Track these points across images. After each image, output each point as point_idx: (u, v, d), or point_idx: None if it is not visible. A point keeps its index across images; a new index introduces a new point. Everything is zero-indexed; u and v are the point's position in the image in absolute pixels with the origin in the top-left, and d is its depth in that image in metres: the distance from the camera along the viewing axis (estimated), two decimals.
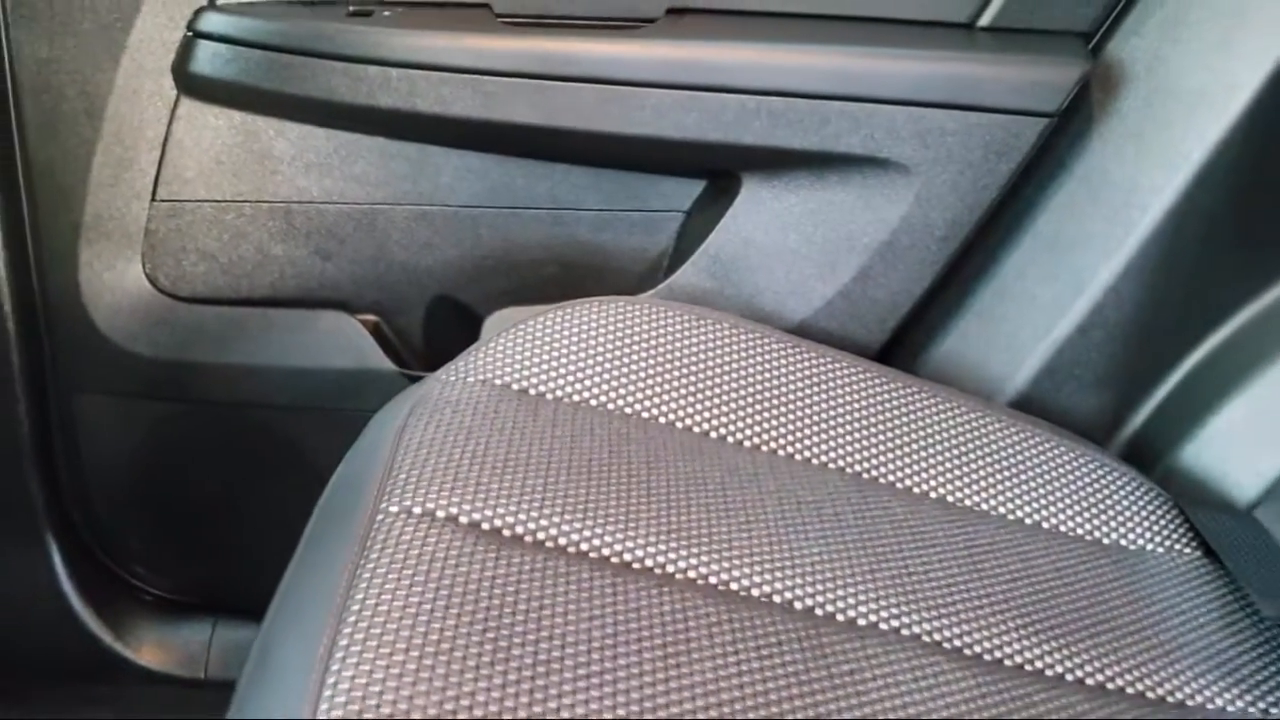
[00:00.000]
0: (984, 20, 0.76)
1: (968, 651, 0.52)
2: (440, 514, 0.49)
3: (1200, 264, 0.76)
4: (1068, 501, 0.66)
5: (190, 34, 0.75)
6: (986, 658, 0.52)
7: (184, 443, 0.86)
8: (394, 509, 0.49)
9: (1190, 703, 0.53)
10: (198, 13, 0.74)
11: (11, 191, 0.78)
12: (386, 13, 0.74)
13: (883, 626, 0.51)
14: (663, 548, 0.51)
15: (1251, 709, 0.53)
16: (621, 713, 0.41)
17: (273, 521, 0.75)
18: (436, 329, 0.83)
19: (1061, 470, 0.68)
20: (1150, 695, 0.53)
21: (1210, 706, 0.53)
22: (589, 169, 0.79)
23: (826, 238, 0.76)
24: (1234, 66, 0.72)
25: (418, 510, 0.49)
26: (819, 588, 0.52)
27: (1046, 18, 0.75)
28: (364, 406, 0.77)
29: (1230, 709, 0.53)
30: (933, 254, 0.76)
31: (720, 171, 0.78)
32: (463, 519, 0.49)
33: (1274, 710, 0.53)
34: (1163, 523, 0.67)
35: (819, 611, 0.51)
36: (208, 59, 0.75)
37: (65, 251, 0.79)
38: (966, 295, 0.81)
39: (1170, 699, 0.53)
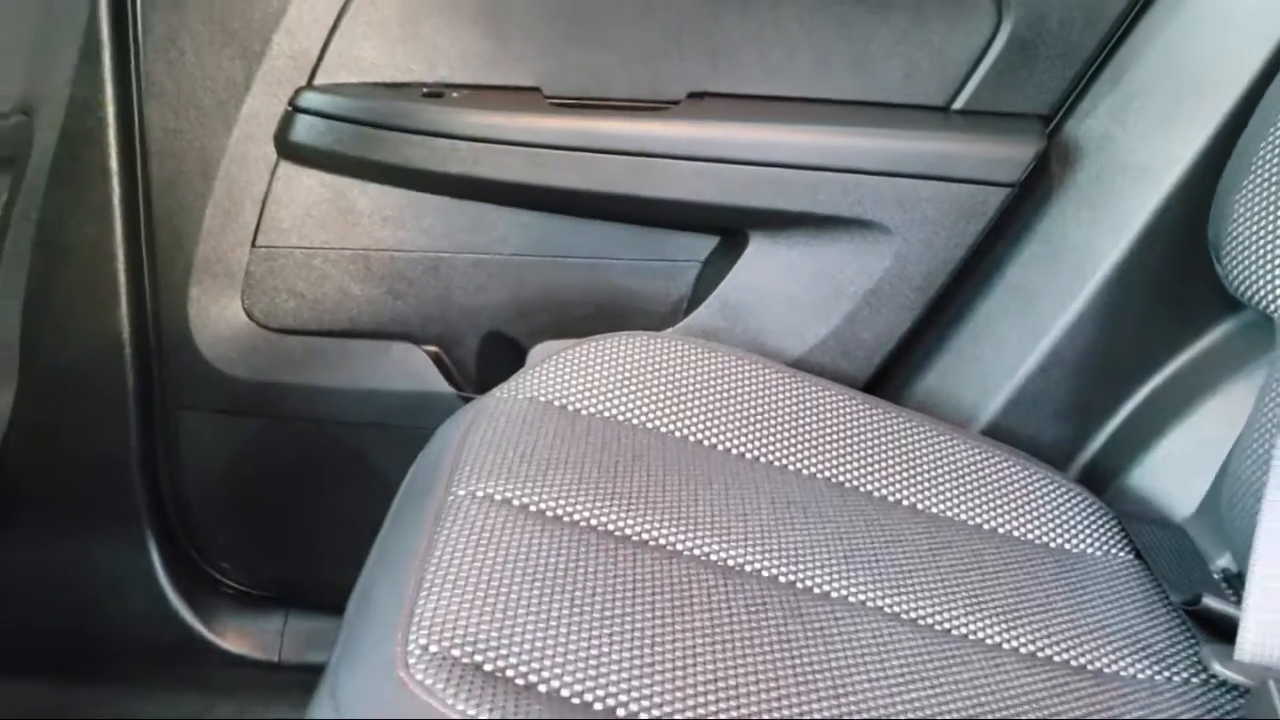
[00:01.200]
0: (957, 104, 0.89)
1: (920, 621, 0.63)
2: (498, 498, 0.61)
3: (1144, 314, 0.88)
4: (1020, 512, 0.77)
5: (290, 109, 0.89)
6: (936, 627, 0.63)
7: (268, 454, 0.99)
8: (461, 493, 0.61)
9: (1107, 670, 0.64)
10: (297, 91, 0.89)
11: (135, 238, 0.92)
12: (455, 94, 0.88)
13: (851, 599, 0.63)
14: (673, 529, 0.63)
15: (1158, 676, 0.64)
16: (633, 648, 0.53)
17: (341, 525, 0.87)
18: (488, 359, 0.96)
19: (1018, 486, 0.79)
20: (1074, 664, 0.64)
21: (1124, 674, 0.64)
22: (620, 225, 0.93)
23: (820, 286, 0.89)
24: (1172, 145, 0.85)
25: (480, 494, 0.61)
26: (800, 566, 0.64)
27: (1010, 102, 0.88)
28: (425, 425, 0.89)
29: (1140, 676, 0.64)
30: (911, 302, 0.88)
31: (730, 229, 0.92)
32: (515, 502, 0.61)
33: (1175, 677, 0.64)
34: (1103, 531, 0.78)
35: (799, 585, 0.63)
36: (304, 130, 0.89)
37: (178, 288, 0.93)
38: (945, 337, 0.93)
39: (1090, 667, 0.64)
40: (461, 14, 0.87)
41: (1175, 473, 0.86)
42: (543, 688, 0.49)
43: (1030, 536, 0.76)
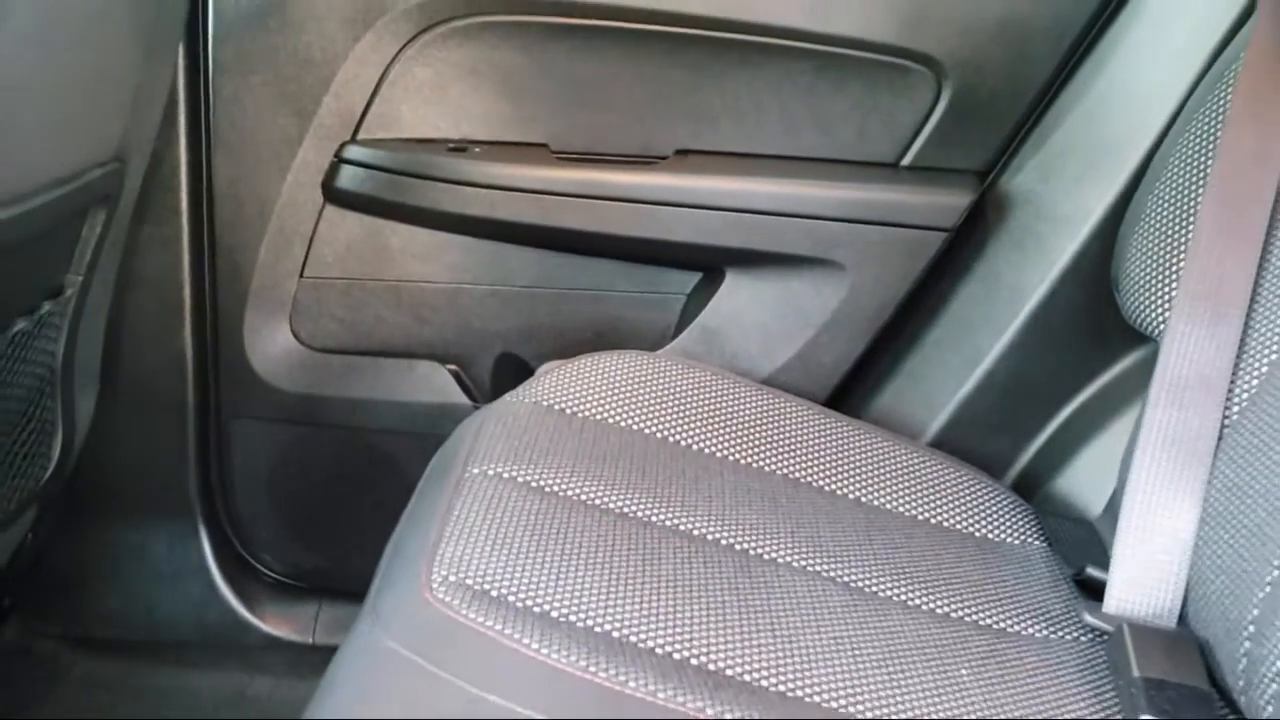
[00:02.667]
0: (905, 161, 1.03)
1: (851, 584, 0.76)
2: (506, 476, 0.75)
3: (1065, 345, 1.01)
4: (949, 506, 0.90)
5: (336, 160, 1.04)
6: (864, 589, 0.76)
7: (308, 458, 1.13)
8: (476, 471, 0.75)
9: (1010, 630, 0.76)
10: (342, 145, 1.04)
11: (200, 269, 1.07)
12: (476, 149, 1.03)
13: (794, 565, 0.76)
14: (649, 505, 0.76)
15: (1052, 635, 0.76)
16: (609, 587, 0.66)
17: (371, 521, 1.00)
18: (500, 376, 1.10)
19: (949, 485, 0.92)
20: (981, 623, 0.76)
21: (1024, 633, 0.76)
22: (616, 262, 1.07)
23: (785, 315, 1.03)
24: (1086, 199, 0.98)
25: (491, 473, 0.75)
26: (753, 538, 0.76)
27: (949, 160, 1.03)
28: (445, 432, 1.02)
29: (1037, 635, 0.76)
30: (864, 330, 1.02)
31: (710, 266, 1.06)
32: (519, 480, 0.75)
33: (1066, 636, 0.76)
34: (1022, 525, 0.90)
35: (751, 552, 0.75)
36: (348, 178, 1.04)
37: (235, 313, 1.08)
38: (895, 361, 1.06)
39: (995, 627, 0.76)
40: (483, 82, 1.03)
41: (1091, 479, 0.99)
42: (536, 609, 0.62)
43: (957, 526, 0.88)
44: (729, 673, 0.62)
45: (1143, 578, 0.72)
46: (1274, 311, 0.73)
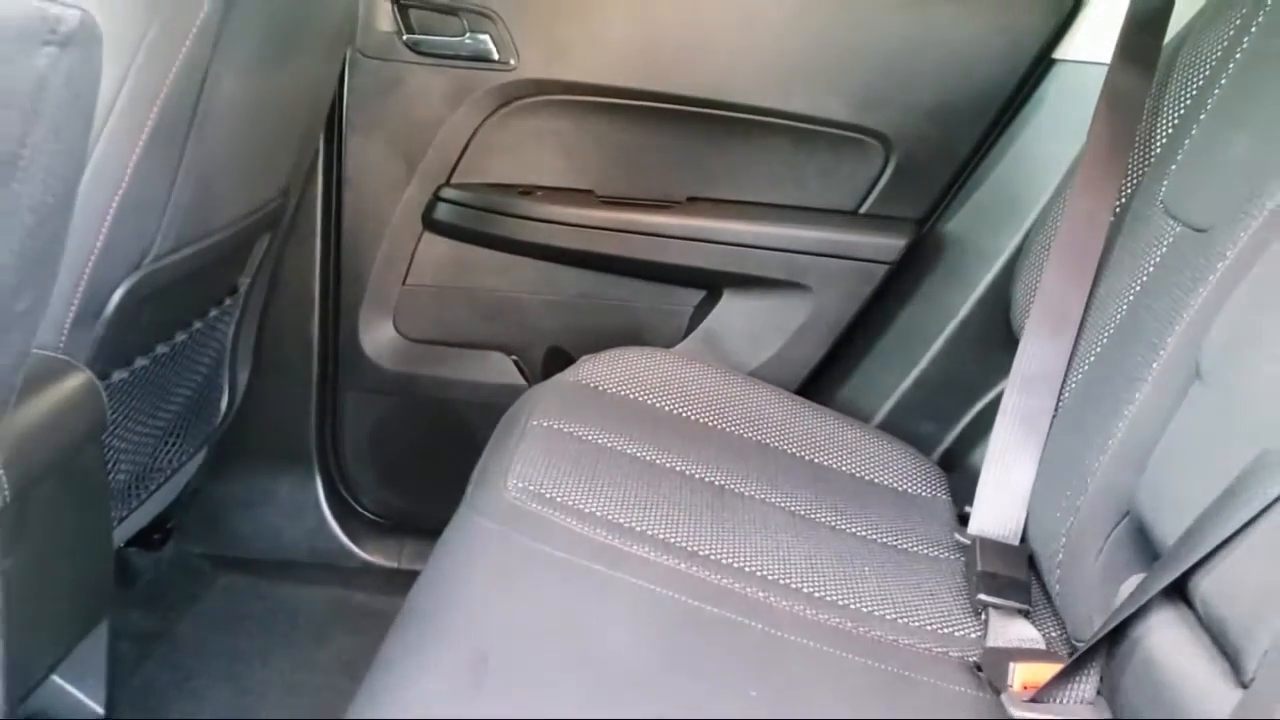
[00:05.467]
0: (861, 210, 1.34)
1: (794, 512, 1.05)
2: (556, 428, 1.06)
3: (981, 351, 1.30)
4: (880, 469, 1.19)
5: (434, 198, 1.36)
6: (804, 516, 1.06)
7: (401, 423, 1.45)
8: (535, 424, 1.06)
9: (904, 548, 1.06)
10: (439, 187, 1.36)
11: (326, 277, 1.40)
12: (538, 193, 1.35)
13: (754, 497, 1.06)
14: (657, 454, 1.06)
15: (934, 552, 1.06)
16: (634, 501, 0.96)
17: (447, 473, 1.29)
18: (549, 364, 1.41)
19: (883, 455, 1.21)
20: (886, 544, 1.06)
21: (912, 551, 1.05)
22: (641, 281, 1.39)
23: (766, 324, 1.34)
24: (1000, 240, 1.27)
25: (545, 425, 1.06)
26: (726, 478, 1.06)
27: (895, 209, 1.33)
28: (505, 406, 1.33)
29: (924, 553, 1.05)
30: (825, 337, 1.33)
31: (711, 286, 1.37)
32: (566, 432, 1.06)
33: (944, 552, 1.05)
34: (933, 482, 1.20)
35: (725, 488, 1.05)
36: (442, 212, 1.36)
37: (352, 310, 1.40)
38: (852, 361, 1.37)
39: (891, 544, 1.06)
40: (545, 143, 1.35)
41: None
42: (576, 507, 0.93)
43: (881, 481, 1.17)
44: (700, 552, 0.92)
45: (995, 510, 1.02)
46: (1096, 329, 1.03)
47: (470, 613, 0.79)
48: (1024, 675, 0.78)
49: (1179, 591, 0.71)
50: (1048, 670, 0.78)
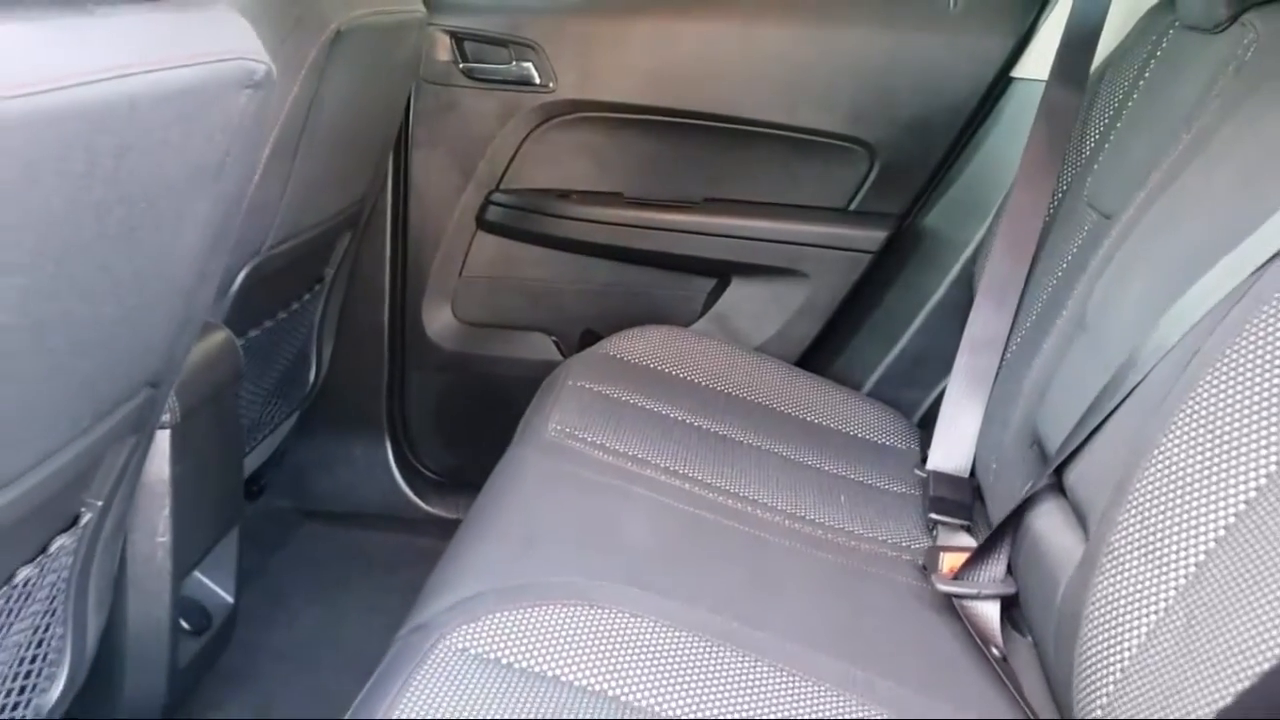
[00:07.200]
0: (851, 207, 1.56)
1: (786, 457, 1.26)
2: (588, 388, 1.28)
3: (953, 328, 1.50)
4: (864, 427, 1.39)
5: (486, 201, 1.60)
6: (794, 459, 1.27)
7: (458, 394, 1.68)
8: (570, 384, 1.28)
9: (875, 485, 1.26)
10: (490, 192, 1.59)
11: (395, 270, 1.63)
12: (574, 196, 1.58)
13: (752, 444, 1.27)
14: (672, 409, 1.28)
15: (899, 487, 1.27)
16: (646, 443, 1.18)
17: (498, 437, 1.52)
18: (584, 343, 1.63)
19: (867, 416, 1.42)
20: (862, 482, 1.27)
21: (882, 486, 1.26)
22: (662, 270, 1.61)
23: (769, 306, 1.55)
24: (967, 231, 1.48)
25: (579, 386, 1.28)
26: (730, 429, 1.28)
27: (878, 206, 1.54)
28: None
29: (891, 488, 1.26)
30: (820, 316, 1.55)
31: (722, 273, 1.59)
32: (596, 391, 1.28)
33: (908, 488, 1.26)
34: (907, 437, 1.40)
35: (727, 437, 1.26)
36: (493, 213, 1.60)
37: (416, 298, 1.64)
38: (842, 338, 1.58)
39: (868, 483, 1.27)
40: (580, 153, 1.57)
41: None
42: (609, 446, 1.15)
43: (864, 437, 1.39)
44: (702, 479, 1.14)
45: (947, 449, 1.22)
46: (1031, 301, 1.23)
47: (519, 513, 1.02)
48: (950, 562, 1.00)
49: (1060, 487, 0.92)
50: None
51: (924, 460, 1.30)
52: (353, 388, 1.68)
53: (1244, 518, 0.66)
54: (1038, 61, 1.44)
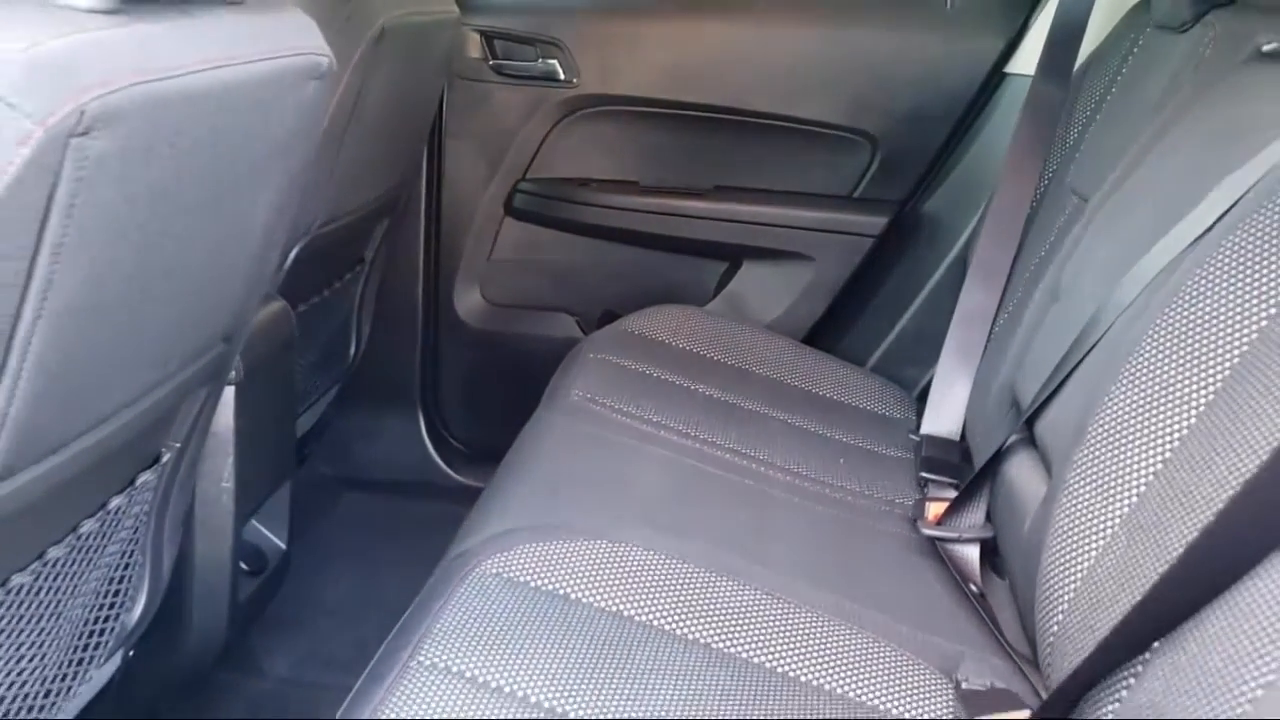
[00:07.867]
0: (855, 194, 1.65)
1: (792, 425, 1.37)
2: (609, 360, 1.38)
3: (951, 306, 1.60)
4: (866, 398, 1.49)
5: (513, 190, 1.71)
6: (800, 428, 1.37)
7: (486, 369, 1.79)
8: (591, 356, 1.39)
9: (874, 450, 1.36)
10: (516, 181, 1.70)
11: (429, 254, 1.74)
12: (594, 184, 1.69)
13: (759, 413, 1.37)
14: (685, 380, 1.39)
15: (896, 452, 1.36)
16: (660, 411, 1.28)
17: (523, 411, 1.63)
18: (604, 323, 1.74)
19: (868, 389, 1.51)
20: (863, 449, 1.37)
21: (881, 451, 1.36)
22: (676, 255, 1.71)
23: (777, 287, 1.65)
24: (964, 218, 1.58)
25: (598, 357, 1.38)
26: (739, 400, 1.38)
27: (880, 193, 1.64)
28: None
29: (890, 453, 1.36)
30: (824, 296, 1.64)
31: (733, 256, 1.69)
32: (614, 362, 1.38)
33: (905, 452, 1.36)
34: (908, 410, 1.50)
35: (736, 406, 1.37)
36: (519, 201, 1.70)
37: (448, 280, 1.75)
38: (846, 316, 1.68)
39: (867, 449, 1.36)
40: (599, 144, 1.67)
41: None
42: (627, 409, 1.25)
43: (865, 408, 1.48)
44: (711, 439, 1.24)
45: (939, 414, 1.32)
46: (1017, 279, 1.33)
47: (548, 464, 1.12)
48: (934, 510, 1.10)
49: (1031, 439, 1.01)
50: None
51: (919, 428, 1.40)
52: (389, 364, 1.79)
53: (1178, 452, 0.76)
54: (1029, 58, 1.53)
